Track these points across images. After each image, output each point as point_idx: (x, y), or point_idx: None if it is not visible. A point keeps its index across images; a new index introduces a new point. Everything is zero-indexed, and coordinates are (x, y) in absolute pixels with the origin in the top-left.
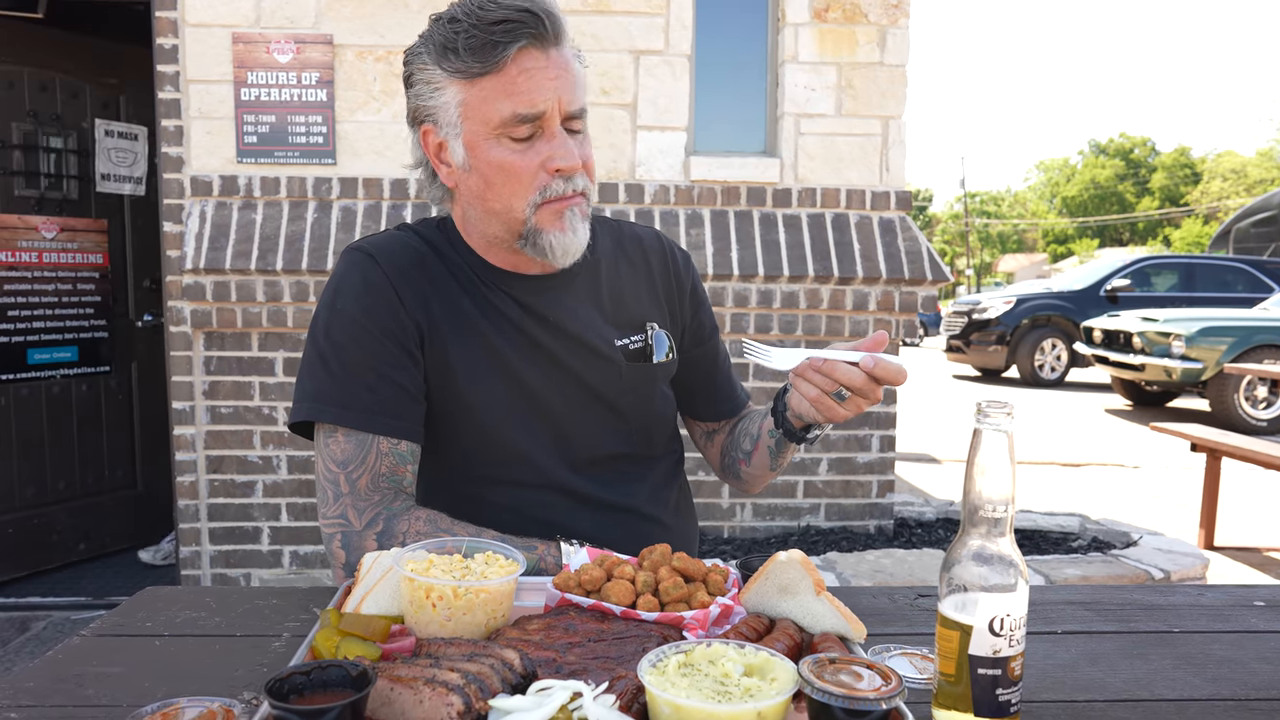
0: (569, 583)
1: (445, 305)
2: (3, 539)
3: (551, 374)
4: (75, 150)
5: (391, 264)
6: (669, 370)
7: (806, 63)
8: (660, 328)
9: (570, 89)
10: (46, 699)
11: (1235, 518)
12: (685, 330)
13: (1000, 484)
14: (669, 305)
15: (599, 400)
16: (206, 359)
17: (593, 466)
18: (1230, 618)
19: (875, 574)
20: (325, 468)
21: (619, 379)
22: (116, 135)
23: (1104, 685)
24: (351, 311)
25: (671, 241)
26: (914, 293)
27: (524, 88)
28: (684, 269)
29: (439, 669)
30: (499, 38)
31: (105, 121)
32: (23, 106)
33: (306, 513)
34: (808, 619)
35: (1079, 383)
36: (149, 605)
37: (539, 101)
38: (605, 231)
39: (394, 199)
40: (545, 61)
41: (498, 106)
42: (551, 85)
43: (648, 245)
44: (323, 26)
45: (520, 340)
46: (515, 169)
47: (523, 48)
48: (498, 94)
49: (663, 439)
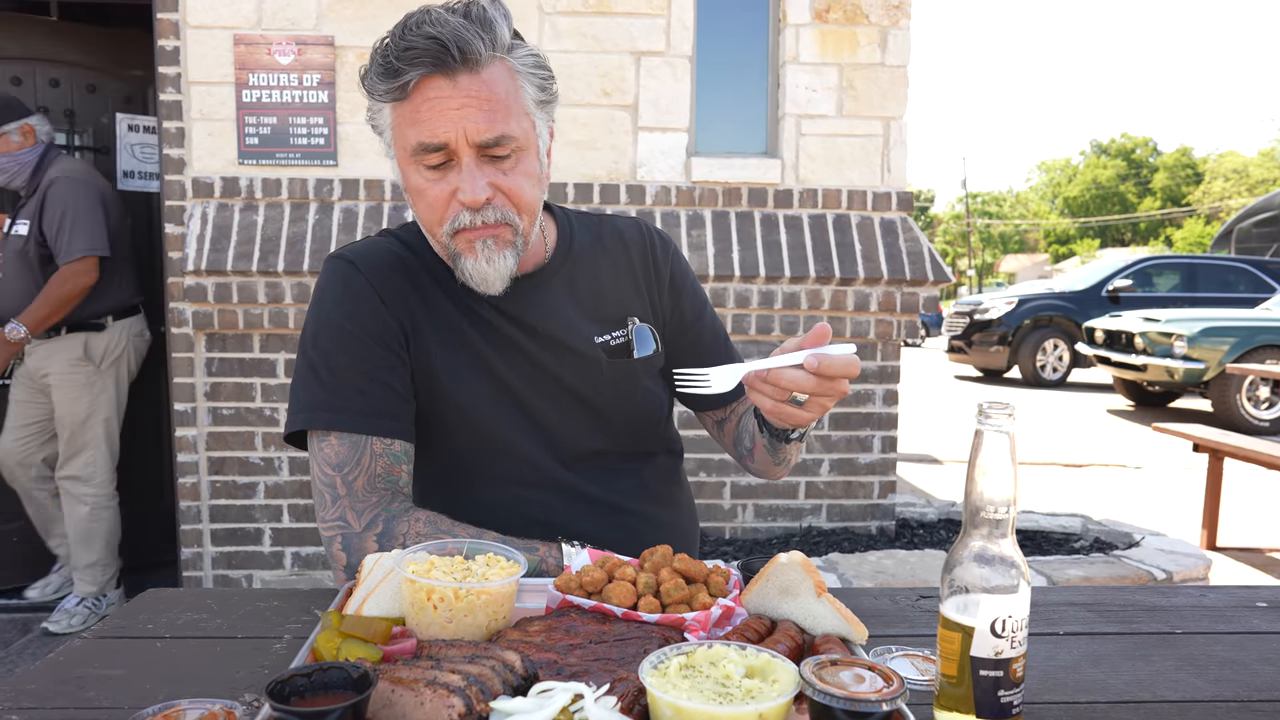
0: (570, 584)
1: (427, 308)
2: (7, 547)
3: (532, 374)
4: (94, 147)
5: (372, 269)
6: (653, 365)
7: (808, 63)
8: (642, 321)
9: (480, 119)
10: (48, 701)
11: (1238, 518)
12: (666, 320)
13: (1002, 485)
14: (649, 296)
15: (579, 398)
16: (208, 361)
17: (579, 463)
18: (1233, 619)
19: (877, 575)
20: (321, 472)
21: (599, 376)
22: (141, 130)
23: (1106, 687)
24: (336, 318)
25: (652, 229)
26: (915, 293)
27: (425, 117)
28: (662, 256)
29: (440, 671)
30: (402, 65)
31: (128, 116)
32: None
33: (308, 514)
34: (809, 620)
35: (1081, 383)
36: (150, 607)
37: (440, 132)
38: (584, 227)
39: (395, 200)
40: (450, 90)
41: (408, 134)
42: (454, 115)
43: (628, 237)
44: (324, 28)
45: (500, 342)
46: (429, 196)
47: (426, 75)
48: (406, 121)
49: (651, 435)
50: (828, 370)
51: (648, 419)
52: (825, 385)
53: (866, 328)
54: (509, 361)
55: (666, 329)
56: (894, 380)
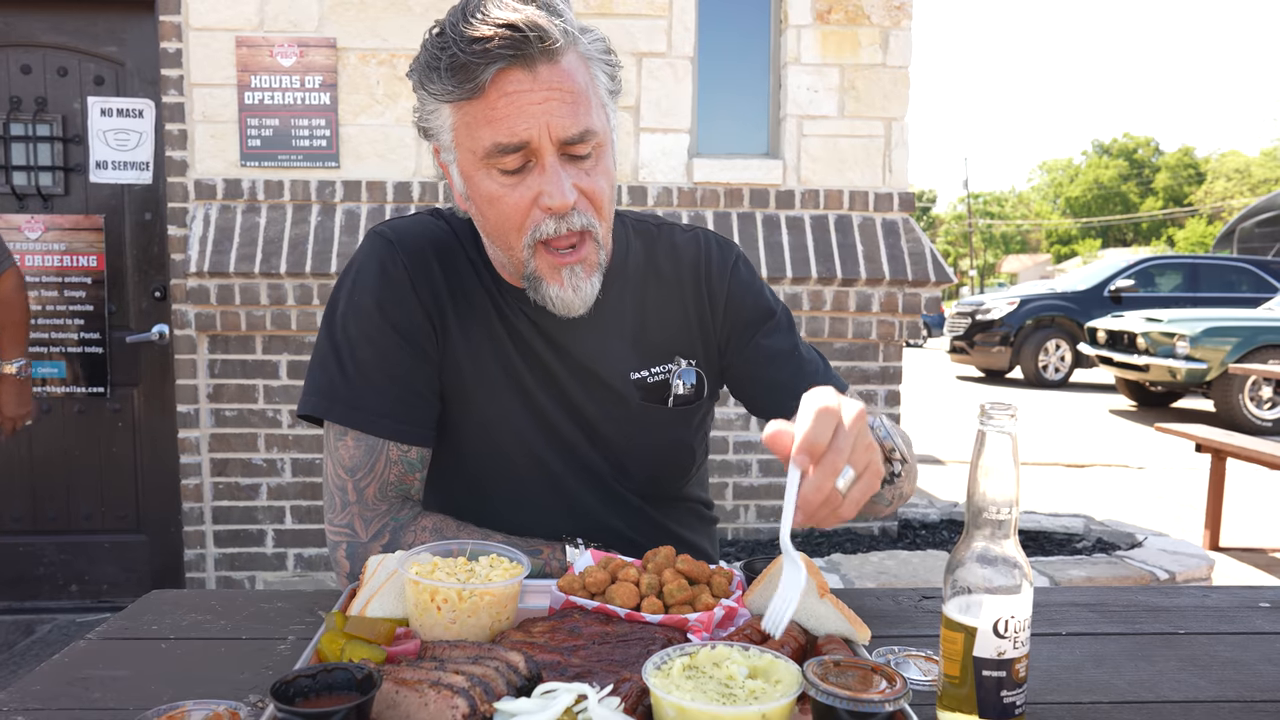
0: (573, 585)
1: (462, 306)
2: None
3: (558, 399)
4: (63, 137)
5: (412, 252)
6: (689, 415)
7: (809, 64)
8: (688, 361)
9: (564, 113)
10: (53, 702)
11: (1240, 519)
12: (720, 348)
13: (1004, 486)
14: (700, 328)
15: (601, 435)
16: (210, 362)
17: (596, 495)
18: (1236, 619)
19: (879, 575)
20: (334, 473)
21: (626, 416)
22: (115, 114)
23: (1109, 687)
24: (366, 303)
25: (712, 241)
26: (917, 294)
27: (503, 114)
28: (719, 272)
29: (444, 672)
30: (477, 58)
31: (100, 99)
32: (6, 91)
33: (311, 515)
34: (812, 621)
35: (1083, 383)
36: (154, 608)
37: (520, 130)
38: (641, 240)
39: (397, 202)
40: (531, 83)
41: (481, 135)
42: (536, 111)
43: (683, 257)
44: (325, 30)
45: (531, 358)
46: (505, 205)
47: (503, 69)
48: (479, 121)
49: (672, 483)
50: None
51: (671, 468)
52: (829, 502)
53: (868, 328)
54: (537, 379)
55: (719, 357)
56: (896, 381)
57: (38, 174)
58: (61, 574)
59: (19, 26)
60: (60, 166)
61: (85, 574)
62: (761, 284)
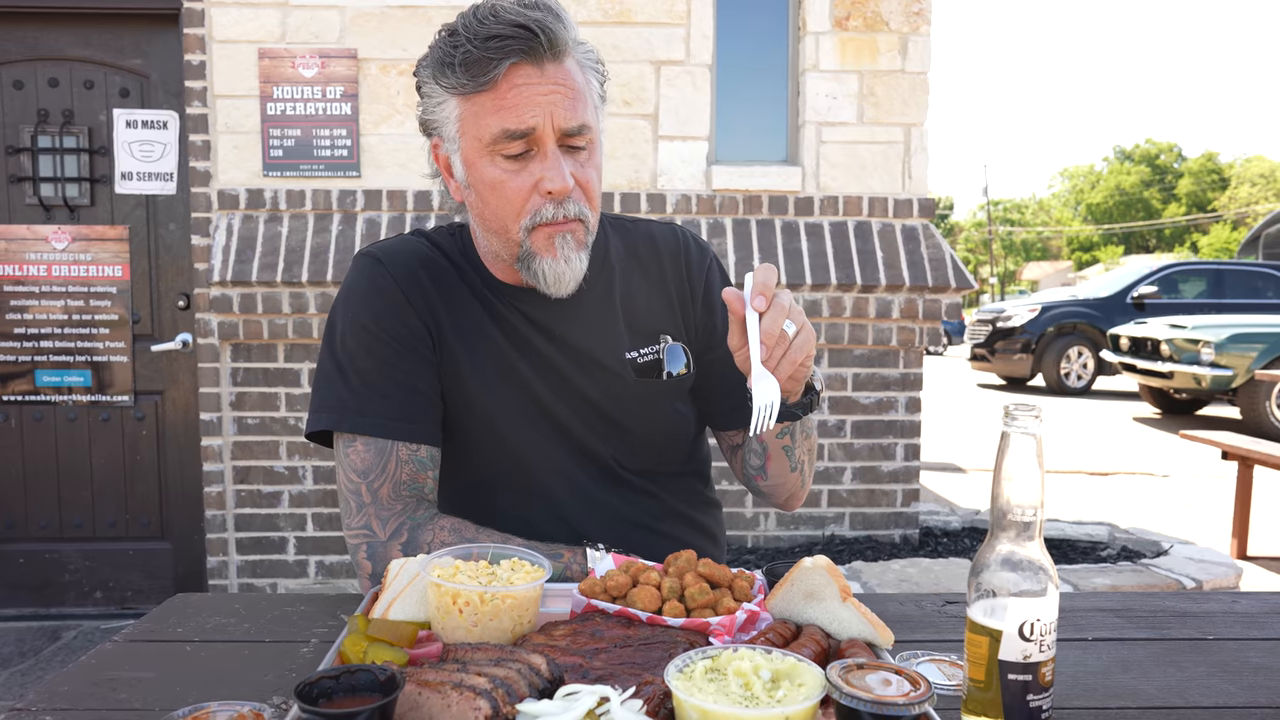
0: (595, 589)
1: (454, 311)
2: (16, 568)
3: (559, 387)
4: (89, 149)
5: (400, 268)
6: (683, 385)
7: (828, 71)
8: (674, 339)
9: (566, 106)
10: (80, 703)
11: (1269, 527)
12: (697, 334)
13: (1029, 487)
14: (681, 309)
15: (605, 415)
16: (233, 371)
17: (602, 480)
18: (1266, 625)
19: (901, 583)
20: (346, 478)
21: (626, 393)
22: (140, 125)
23: (1137, 692)
24: (362, 318)
25: (689, 236)
26: (938, 300)
27: (513, 103)
28: (697, 266)
29: (466, 674)
30: (491, 54)
31: (125, 111)
32: (34, 104)
33: (332, 523)
34: (834, 625)
35: (1106, 391)
36: (179, 611)
37: (528, 118)
38: (618, 235)
39: (418, 211)
40: (539, 77)
41: (489, 122)
42: (542, 101)
43: (661, 245)
44: (347, 41)
45: (529, 351)
46: (507, 189)
47: (515, 64)
48: (489, 110)
49: (676, 456)
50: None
51: (674, 439)
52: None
53: (889, 335)
54: (537, 372)
55: (695, 344)
56: (916, 388)
57: (64, 185)
58: (86, 581)
59: (47, 41)
60: (86, 178)
61: (110, 581)
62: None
